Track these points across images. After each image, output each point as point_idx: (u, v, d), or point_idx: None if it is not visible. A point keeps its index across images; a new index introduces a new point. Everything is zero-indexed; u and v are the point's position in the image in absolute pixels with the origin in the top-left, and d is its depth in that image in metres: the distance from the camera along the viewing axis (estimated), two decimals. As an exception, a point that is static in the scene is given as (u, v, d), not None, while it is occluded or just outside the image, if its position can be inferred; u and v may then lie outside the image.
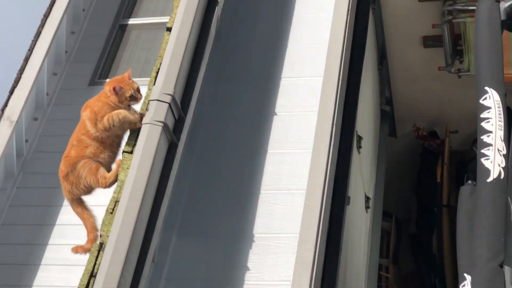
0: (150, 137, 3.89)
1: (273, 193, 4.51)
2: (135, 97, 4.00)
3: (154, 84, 4.12)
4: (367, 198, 7.20)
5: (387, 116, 8.68)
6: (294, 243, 4.24)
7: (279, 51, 5.18)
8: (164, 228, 4.40)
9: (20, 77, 5.12)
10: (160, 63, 4.23)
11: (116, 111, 3.97)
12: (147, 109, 4.01)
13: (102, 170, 3.99)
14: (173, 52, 4.21)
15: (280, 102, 4.93)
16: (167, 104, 4.01)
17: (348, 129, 4.93)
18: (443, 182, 8.36)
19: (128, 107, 4.02)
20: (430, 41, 8.22)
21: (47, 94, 5.27)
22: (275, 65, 5.11)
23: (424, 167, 8.94)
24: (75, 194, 4.09)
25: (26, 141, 5.04)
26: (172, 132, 4.02)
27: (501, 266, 3.06)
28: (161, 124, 3.93)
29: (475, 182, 3.53)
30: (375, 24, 8.00)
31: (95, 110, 3.99)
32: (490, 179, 3.15)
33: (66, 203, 4.76)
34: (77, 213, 4.14)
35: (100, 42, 5.68)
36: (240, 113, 4.92)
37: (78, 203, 4.13)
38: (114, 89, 3.96)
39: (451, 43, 7.90)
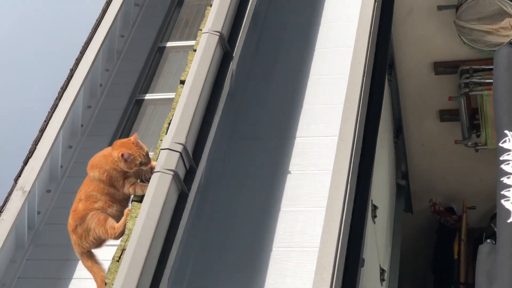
0: (160, 186, 3.81)
1: (286, 250, 4.39)
2: (145, 163, 3.89)
3: (166, 134, 4.07)
4: (382, 270, 7.04)
5: (403, 191, 8.58)
6: (306, 301, 4.10)
7: (294, 110, 5.14)
8: (173, 282, 4.29)
9: (35, 148, 5.05)
10: (173, 115, 4.19)
11: (142, 185, 3.90)
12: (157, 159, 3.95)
13: (110, 221, 3.91)
14: (186, 102, 4.18)
15: (294, 161, 4.85)
16: (178, 153, 3.94)
17: (363, 188, 4.83)
18: (460, 259, 8.18)
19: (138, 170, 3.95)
20: (447, 115, 8.19)
21: (61, 167, 5.20)
22: (289, 124, 5.05)
23: (441, 244, 8.78)
24: (84, 247, 4.00)
25: (39, 213, 4.94)
26: (182, 182, 3.94)
27: (523, 306, 2.94)
28: (172, 172, 3.86)
29: (494, 241, 3.42)
30: (391, 96, 7.99)
31: (111, 175, 3.91)
32: (510, 220, 3.05)
33: (76, 276, 4.67)
34: (87, 267, 4.04)
35: (116, 117, 5.64)
36: (253, 170, 4.85)
37: (88, 257, 4.03)
38: (122, 156, 3.86)
39: (467, 117, 7.86)
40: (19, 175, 4.92)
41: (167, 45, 6.00)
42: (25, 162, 4.99)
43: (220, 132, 5.05)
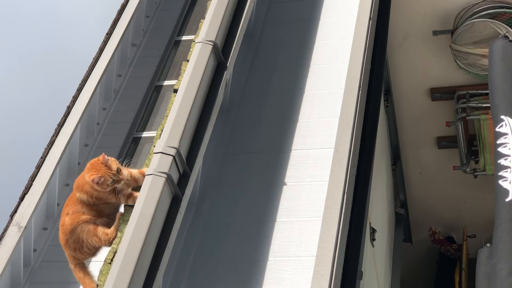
0: (152, 188, 3.74)
1: (282, 260, 4.31)
2: (117, 181, 3.80)
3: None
4: (382, 297, 6.94)
5: (402, 220, 8.51)
6: (303, 309, 4.01)
7: (290, 125, 5.10)
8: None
9: (31, 183, 4.96)
10: (166, 122, 4.14)
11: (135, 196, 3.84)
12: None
13: (101, 228, 3.83)
14: (179, 108, 4.13)
15: (290, 172, 4.79)
16: (171, 157, 3.88)
17: (361, 198, 4.77)
18: (462, 289, 8.07)
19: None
20: (444, 142, 8.16)
21: (58, 204, 5.10)
22: (285, 138, 5.01)
23: (441, 274, 8.67)
24: (79, 258, 3.92)
25: (35, 250, 4.82)
26: (176, 186, 3.88)
27: (524, 280, 2.85)
28: (164, 175, 3.79)
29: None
30: (388, 123, 7.96)
31: (98, 196, 3.85)
32: (509, 199, 2.98)
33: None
34: (79, 279, 3.95)
35: (113, 155, 5.49)
36: (249, 183, 4.79)
37: (81, 268, 3.94)
38: (93, 181, 3.78)
39: (466, 142, 7.82)
40: (15, 211, 4.80)
41: (164, 83, 5.94)
42: (21, 198, 4.86)
43: (215, 147, 5.01)
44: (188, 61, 4.53)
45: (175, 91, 4.35)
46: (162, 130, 4.10)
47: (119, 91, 5.92)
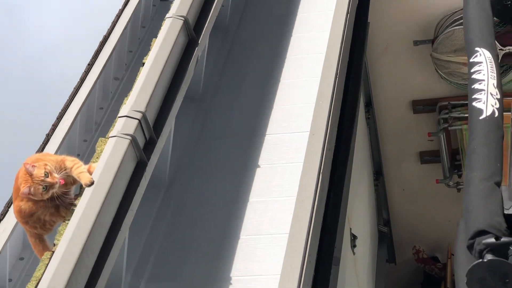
0: (115, 150, 3.56)
1: (254, 238, 4.12)
2: (50, 185, 3.44)
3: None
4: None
5: (385, 238, 8.32)
6: (275, 285, 3.80)
7: (264, 111, 4.96)
8: (133, 274, 4.00)
9: (7, 210, 4.73)
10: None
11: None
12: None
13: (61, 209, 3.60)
14: (146, 76, 3.98)
15: (264, 155, 4.63)
16: (137, 121, 3.72)
17: (338, 186, 4.62)
18: (447, 310, 7.87)
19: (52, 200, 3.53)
20: (427, 157, 8.03)
21: None
22: (259, 123, 4.86)
23: (426, 296, 8.47)
24: (41, 234, 3.71)
25: (10, 280, 4.57)
26: (142, 150, 3.71)
27: (498, 185, 2.68)
28: (129, 137, 3.62)
29: None
30: (369, 136, 7.83)
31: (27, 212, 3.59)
32: (483, 117, 2.83)
33: None
34: (38, 252, 3.75)
35: None
36: (221, 166, 4.62)
37: (40, 241, 3.75)
38: (23, 194, 3.43)
39: (448, 155, 7.70)
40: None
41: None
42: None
43: (187, 134, 4.86)
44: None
45: (143, 64, 4.21)
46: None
47: (101, 123, 5.71)
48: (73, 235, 3.18)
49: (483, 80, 2.89)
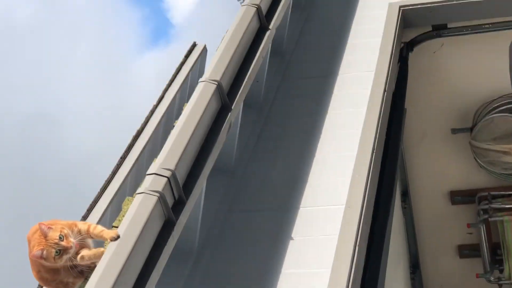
0: (142, 206, 3.39)
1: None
2: (64, 250, 3.27)
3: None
4: None
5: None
6: None
7: (298, 185, 4.78)
8: None
9: None
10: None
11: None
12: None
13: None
14: (177, 135, 3.84)
15: (298, 228, 4.43)
16: (166, 178, 3.55)
17: (375, 256, 4.38)
18: None
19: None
20: (466, 250, 7.72)
21: None
22: (293, 197, 4.68)
23: None
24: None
25: None
26: (170, 209, 3.53)
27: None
28: (157, 194, 3.45)
29: None
30: (406, 228, 7.58)
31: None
32: None
33: None
34: None
35: None
36: (253, 238, 4.42)
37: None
38: (35, 256, 3.24)
39: (489, 249, 7.38)
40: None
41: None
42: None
43: (218, 204, 4.68)
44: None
45: (173, 127, 4.08)
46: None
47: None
48: (93, 290, 2.98)
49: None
